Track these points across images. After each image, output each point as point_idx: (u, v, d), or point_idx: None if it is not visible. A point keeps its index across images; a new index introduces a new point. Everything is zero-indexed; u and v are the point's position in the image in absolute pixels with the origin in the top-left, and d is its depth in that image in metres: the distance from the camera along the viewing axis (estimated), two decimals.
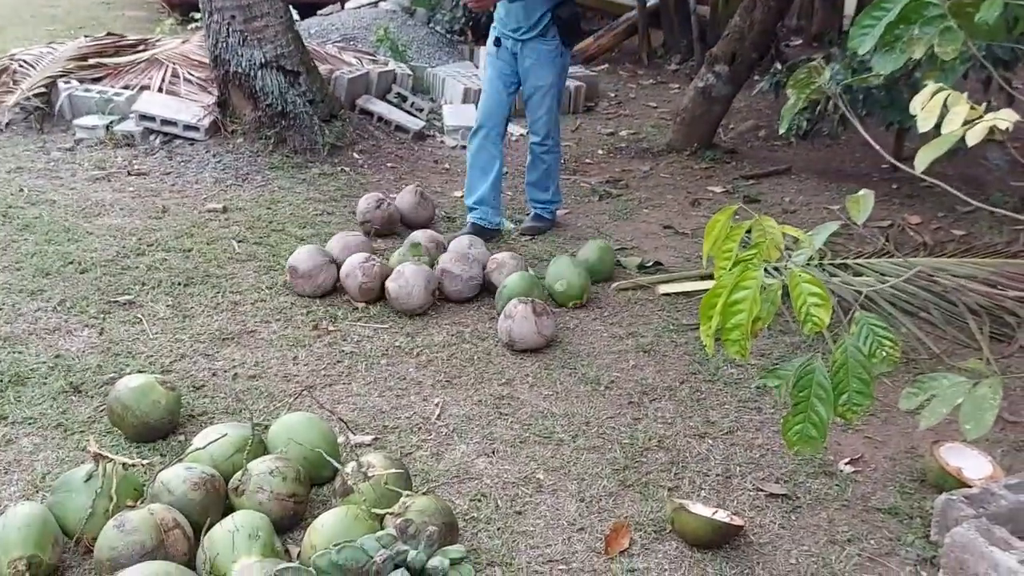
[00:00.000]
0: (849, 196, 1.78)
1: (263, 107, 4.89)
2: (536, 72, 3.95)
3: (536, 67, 3.94)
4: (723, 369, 2.97)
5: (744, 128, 6.29)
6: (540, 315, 3.07)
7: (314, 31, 7.44)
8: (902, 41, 1.88)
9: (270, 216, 4.24)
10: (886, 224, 4.31)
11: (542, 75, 3.96)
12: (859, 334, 1.66)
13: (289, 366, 2.95)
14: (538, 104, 4.04)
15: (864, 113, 4.28)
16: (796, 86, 2.16)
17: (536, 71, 3.95)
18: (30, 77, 5.38)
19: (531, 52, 3.92)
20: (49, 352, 2.90)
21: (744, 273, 1.64)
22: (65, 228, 3.89)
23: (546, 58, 3.92)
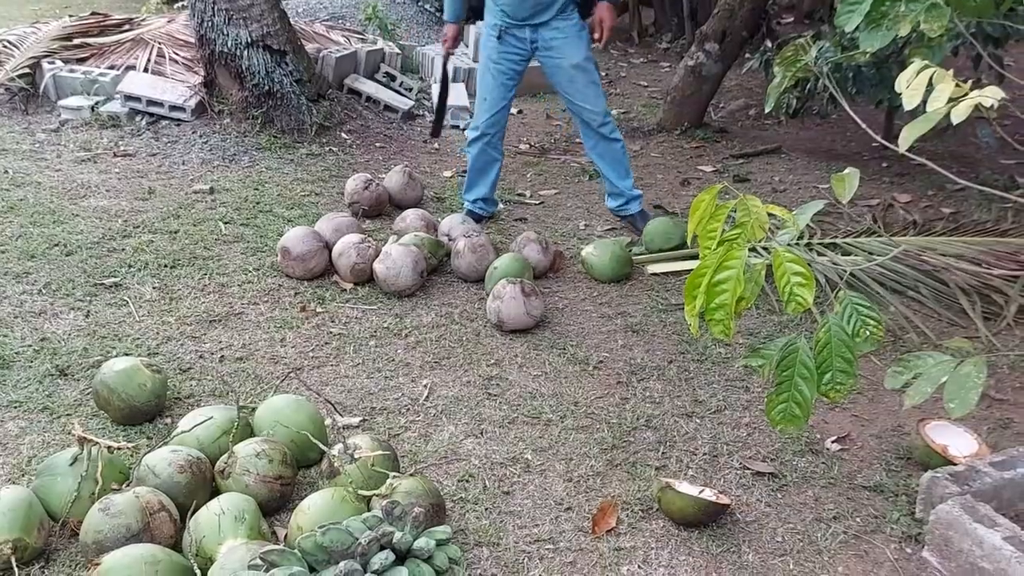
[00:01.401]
0: (834, 175, 1.78)
1: (250, 87, 4.85)
2: (568, 50, 3.68)
3: (566, 45, 3.68)
4: (711, 348, 2.97)
5: (734, 107, 6.27)
6: (529, 295, 3.07)
7: (301, 10, 7.38)
8: (888, 18, 1.87)
9: (257, 197, 4.21)
10: (875, 203, 4.31)
11: (576, 51, 3.69)
12: (843, 313, 1.66)
13: (277, 348, 2.94)
14: (584, 83, 3.74)
15: (854, 92, 4.27)
16: (783, 64, 2.15)
17: (567, 50, 3.69)
18: (14, 58, 5.32)
19: (554, 32, 3.67)
20: (35, 335, 2.89)
21: (728, 253, 1.64)
22: (50, 210, 3.86)
23: (572, 32, 3.68)
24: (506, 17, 3.69)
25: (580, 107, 3.80)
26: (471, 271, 3.47)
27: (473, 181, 4.05)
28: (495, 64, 3.78)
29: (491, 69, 3.79)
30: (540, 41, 3.70)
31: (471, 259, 3.47)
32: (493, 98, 3.83)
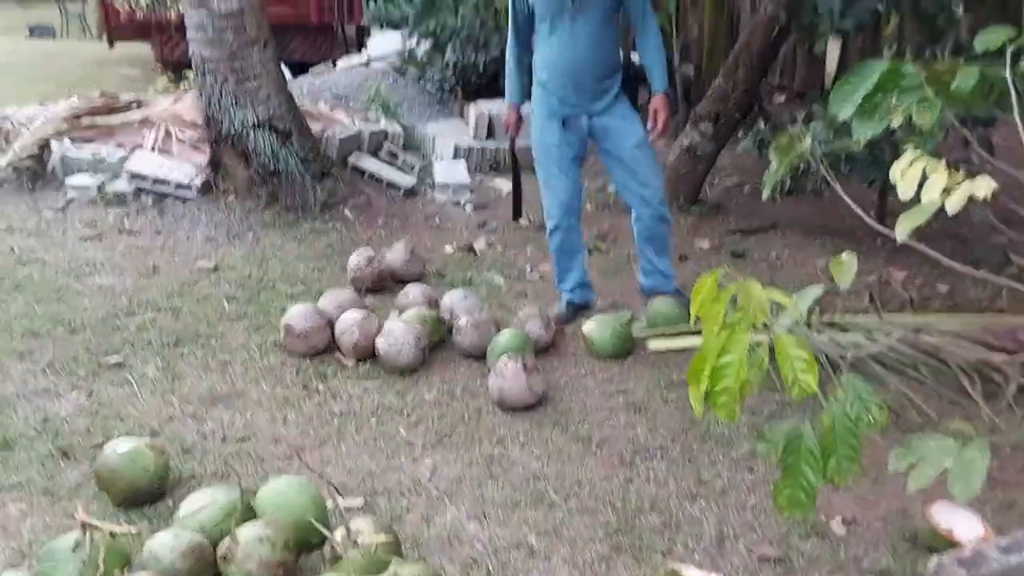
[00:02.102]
0: (833, 260, 1.82)
1: (255, 166, 4.94)
2: (627, 130, 3.64)
3: (624, 126, 3.64)
4: (714, 427, 2.97)
5: (729, 184, 6.37)
6: (530, 372, 3.08)
7: (306, 90, 7.54)
8: (881, 109, 1.94)
9: (261, 274, 4.26)
10: (871, 279, 4.35)
11: (635, 129, 3.64)
12: (846, 397, 1.67)
13: (279, 427, 2.94)
14: (648, 161, 3.68)
15: (847, 170, 4.36)
16: (778, 151, 2.21)
17: (626, 129, 3.64)
18: (23, 137, 5.43)
19: (610, 118, 3.64)
20: (37, 415, 2.89)
21: (731, 337, 1.66)
22: (55, 288, 3.90)
23: (629, 113, 3.67)
24: (564, 106, 3.64)
25: (642, 187, 3.71)
26: (473, 347, 3.48)
27: (564, 270, 3.93)
28: (557, 148, 3.71)
29: (554, 158, 3.72)
30: (596, 128, 3.67)
31: (473, 335, 3.49)
32: (562, 187, 3.75)
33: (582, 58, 3.54)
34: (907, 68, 1.94)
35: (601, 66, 3.58)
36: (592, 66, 3.57)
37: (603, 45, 3.57)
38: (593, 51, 3.54)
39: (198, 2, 4.70)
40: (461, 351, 3.52)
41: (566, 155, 3.72)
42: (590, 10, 3.48)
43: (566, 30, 3.51)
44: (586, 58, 3.54)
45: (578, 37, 3.51)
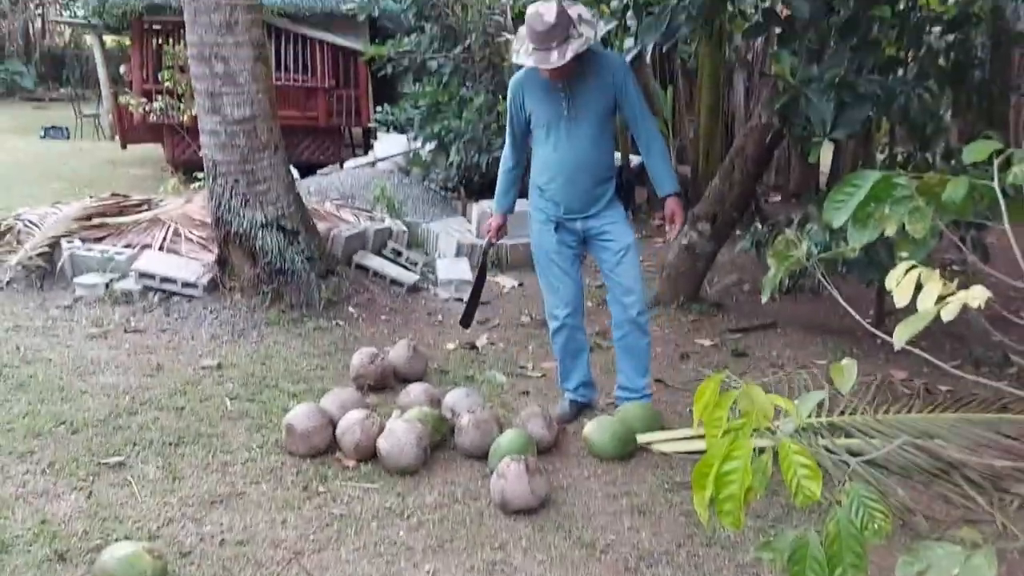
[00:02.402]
0: (833, 365, 1.84)
1: (262, 265, 5.02)
2: (616, 232, 3.67)
3: (615, 229, 3.67)
4: (719, 532, 2.93)
5: (728, 282, 6.45)
6: (533, 474, 3.06)
7: (313, 189, 7.73)
8: (874, 218, 2.00)
9: (264, 372, 4.27)
10: (872, 379, 4.36)
11: (623, 233, 3.67)
12: (850, 506, 1.67)
13: (278, 530, 2.90)
14: (630, 265, 3.68)
15: (844, 271, 4.42)
16: (775, 257, 2.26)
17: (615, 231, 3.67)
18: (34, 237, 5.53)
19: (603, 220, 3.68)
20: (35, 517, 2.86)
21: (735, 443, 1.68)
22: (59, 387, 3.91)
23: (620, 217, 3.70)
24: (559, 210, 3.70)
25: (624, 293, 3.71)
26: (475, 447, 3.47)
27: (568, 370, 3.93)
28: (556, 254, 3.76)
29: (554, 259, 3.76)
30: (591, 230, 3.70)
31: (475, 435, 3.47)
32: (564, 287, 3.78)
33: (578, 163, 3.59)
34: (899, 179, 2.01)
35: (596, 171, 3.62)
36: (587, 171, 3.61)
37: (598, 150, 3.62)
38: (588, 156, 3.59)
39: (212, 108, 4.87)
40: (463, 451, 3.51)
41: (565, 256, 3.76)
42: (585, 116, 3.54)
43: (562, 136, 3.59)
44: (581, 163, 3.59)
45: (574, 142, 3.57)
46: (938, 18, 4.65)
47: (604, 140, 3.66)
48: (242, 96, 4.86)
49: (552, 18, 3.31)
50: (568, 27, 3.34)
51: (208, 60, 4.82)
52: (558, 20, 3.31)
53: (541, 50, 3.35)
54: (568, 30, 3.34)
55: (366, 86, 11.49)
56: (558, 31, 3.32)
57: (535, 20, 3.33)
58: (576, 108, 3.53)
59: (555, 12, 3.31)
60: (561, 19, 3.32)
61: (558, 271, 3.78)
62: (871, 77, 3.96)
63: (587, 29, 3.38)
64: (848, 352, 4.87)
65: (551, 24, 3.31)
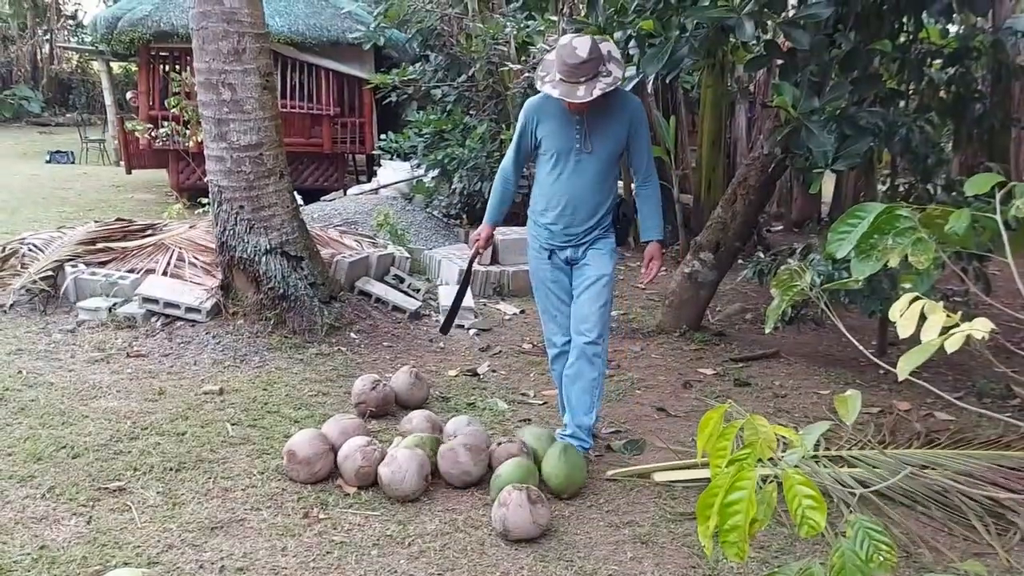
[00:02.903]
0: (837, 397, 1.84)
1: (265, 290, 5.03)
2: (598, 261, 3.67)
3: (597, 257, 3.67)
4: (722, 563, 2.91)
5: (731, 311, 6.46)
6: (535, 503, 3.04)
7: (317, 215, 7.77)
8: (877, 249, 2.01)
9: (265, 397, 4.27)
10: (876, 411, 4.35)
11: (604, 263, 3.67)
12: (855, 538, 1.67)
13: (278, 558, 2.88)
14: (597, 295, 3.64)
15: (847, 301, 4.43)
16: (779, 287, 2.27)
17: (597, 260, 3.67)
18: (38, 260, 5.56)
19: (591, 251, 3.69)
20: (34, 543, 2.84)
21: (739, 474, 1.67)
22: (60, 411, 3.90)
23: (607, 248, 3.68)
24: (553, 239, 3.72)
25: (581, 318, 3.67)
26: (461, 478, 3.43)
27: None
28: (553, 283, 3.78)
29: (551, 289, 3.78)
30: (577, 260, 3.72)
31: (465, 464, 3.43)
32: (561, 314, 3.79)
33: (581, 196, 3.61)
34: (902, 211, 2.02)
35: (595, 207, 3.63)
36: (587, 205, 3.62)
37: (602, 186, 3.64)
38: (591, 191, 3.61)
39: (219, 135, 4.91)
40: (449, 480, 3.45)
41: (562, 285, 3.77)
42: (597, 152, 3.56)
43: (570, 167, 3.60)
44: (584, 197, 3.61)
45: (581, 176, 3.59)
46: (939, 51, 4.70)
47: (610, 177, 3.68)
48: (249, 123, 4.90)
49: (585, 53, 3.33)
50: (599, 64, 3.38)
51: (216, 87, 4.86)
52: (590, 56, 3.34)
53: (569, 83, 3.37)
54: (598, 67, 3.37)
55: (370, 114, 11.59)
56: (589, 67, 3.34)
57: (568, 53, 3.36)
58: (590, 143, 3.55)
59: (588, 48, 3.35)
60: (593, 55, 3.35)
61: (555, 299, 3.79)
62: (872, 109, 4.00)
63: (616, 68, 3.42)
64: (851, 382, 4.86)
65: (583, 59, 3.33)
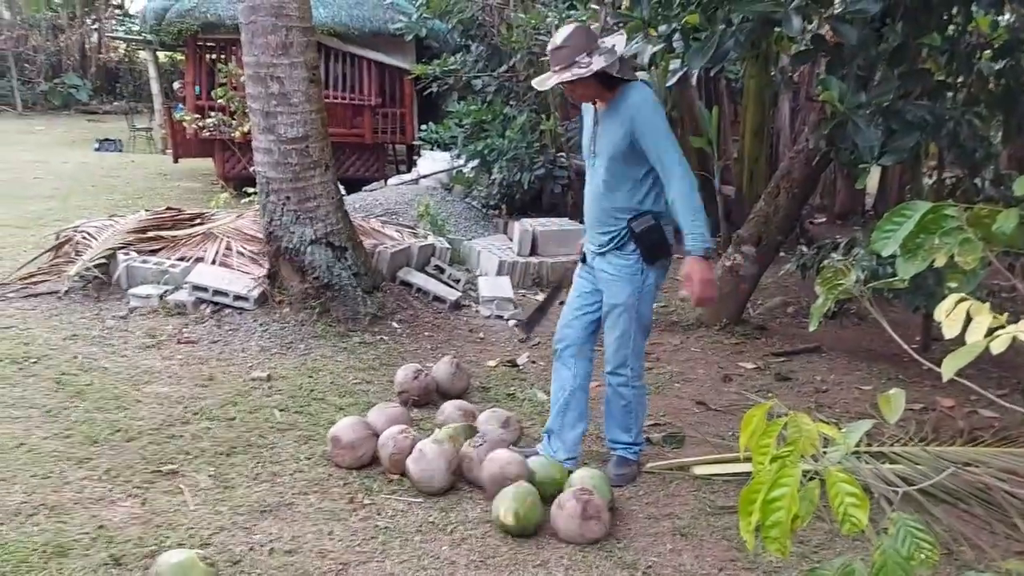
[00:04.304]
0: (880, 395, 1.85)
1: (310, 280, 5.13)
2: (611, 288, 3.41)
3: (611, 282, 3.40)
4: (762, 556, 2.93)
5: (772, 304, 6.42)
6: (589, 519, 2.98)
7: (359, 206, 7.86)
8: (923, 249, 2.01)
9: (311, 384, 4.36)
10: (918, 408, 4.32)
11: (617, 292, 3.38)
12: (897, 535, 1.68)
13: (325, 541, 2.96)
14: (612, 325, 3.44)
15: (890, 297, 4.40)
16: (824, 285, 2.28)
17: (611, 287, 3.41)
18: (91, 248, 5.71)
19: (608, 266, 3.41)
20: (92, 523, 2.95)
21: (782, 471, 1.70)
22: (115, 396, 4.03)
23: (623, 273, 3.36)
24: (587, 243, 3.56)
25: (606, 346, 3.51)
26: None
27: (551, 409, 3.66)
28: (579, 286, 3.60)
29: (575, 291, 3.61)
30: (598, 271, 3.47)
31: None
32: (566, 310, 3.61)
33: (593, 200, 3.45)
34: (949, 210, 2.02)
35: (606, 212, 3.39)
36: (596, 210, 3.44)
37: (612, 191, 3.36)
38: (603, 192, 3.39)
39: (267, 127, 5.01)
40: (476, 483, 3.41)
41: (581, 290, 3.57)
42: (602, 153, 3.37)
43: (590, 170, 3.48)
44: (594, 201, 3.44)
45: (593, 178, 3.45)
46: (988, 44, 4.62)
47: (621, 177, 3.34)
48: (296, 116, 4.99)
49: (560, 40, 3.25)
50: (576, 53, 3.22)
51: (264, 80, 4.95)
52: (564, 44, 3.23)
53: (549, 71, 3.33)
54: (575, 56, 3.22)
55: (411, 104, 11.67)
56: (563, 54, 3.23)
57: (552, 40, 3.33)
58: (599, 143, 3.39)
59: (566, 36, 3.25)
60: (569, 43, 3.23)
61: (575, 301, 3.59)
62: (920, 103, 3.95)
63: (600, 60, 3.20)
64: (893, 378, 4.82)
65: (556, 46, 3.26)
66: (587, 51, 3.23)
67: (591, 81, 3.25)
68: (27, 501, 3.05)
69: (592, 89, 3.32)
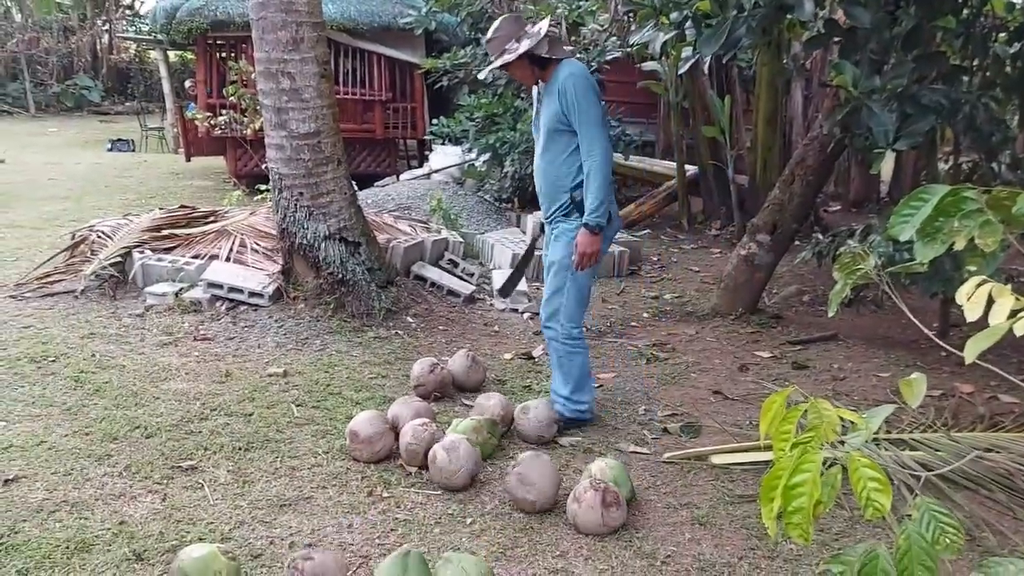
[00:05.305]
0: (902, 380, 1.84)
1: (325, 275, 5.14)
2: (552, 247, 3.75)
3: (553, 243, 3.75)
4: (782, 545, 2.92)
5: (788, 293, 6.39)
6: (609, 506, 2.99)
7: (371, 201, 7.87)
8: (943, 232, 1.99)
9: (327, 380, 4.37)
10: (938, 394, 4.29)
11: (556, 250, 3.72)
12: (921, 520, 1.67)
13: (344, 534, 2.97)
14: (548, 281, 3.79)
15: (908, 283, 4.36)
16: (842, 271, 2.26)
17: (552, 246, 3.75)
18: (107, 247, 5.75)
19: (555, 230, 3.75)
20: (114, 518, 2.97)
21: (804, 457, 1.69)
22: (133, 393, 4.06)
23: (566, 235, 3.68)
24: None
25: (544, 303, 3.84)
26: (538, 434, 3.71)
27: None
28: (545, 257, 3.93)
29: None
30: (548, 237, 3.82)
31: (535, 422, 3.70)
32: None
33: (539, 169, 3.77)
34: (968, 193, 2.00)
35: (550, 180, 3.70)
36: (541, 179, 3.75)
37: (553, 160, 3.66)
38: (545, 164, 3.71)
39: (279, 123, 5.02)
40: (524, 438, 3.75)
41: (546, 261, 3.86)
42: (541, 126, 3.71)
43: (536, 143, 3.80)
44: (540, 171, 3.76)
45: (539, 149, 3.76)
46: (1003, 26, 4.57)
47: (555, 152, 3.65)
48: (307, 112, 5.00)
49: (491, 33, 3.66)
50: (506, 41, 3.61)
51: (275, 76, 4.96)
52: (495, 35, 3.64)
53: None
54: (505, 44, 3.61)
55: (422, 99, 11.66)
56: (494, 45, 3.65)
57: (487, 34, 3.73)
58: (540, 119, 3.72)
59: (495, 27, 3.66)
60: (499, 34, 3.62)
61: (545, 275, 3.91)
62: (935, 87, 3.91)
63: (528, 44, 3.54)
64: (912, 365, 4.79)
65: (488, 38, 3.69)
66: (515, 38, 3.60)
67: (524, 63, 3.61)
68: (49, 498, 3.08)
69: (528, 71, 3.67)
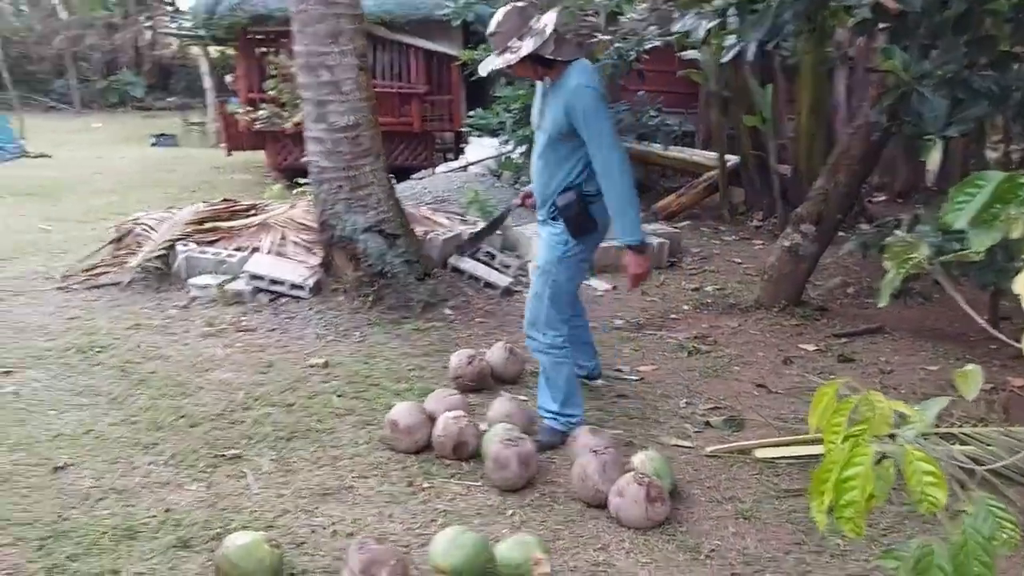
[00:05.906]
0: (957, 372, 1.79)
1: (364, 268, 5.17)
2: (539, 250, 3.66)
3: (540, 246, 3.65)
4: (828, 540, 2.87)
5: (832, 285, 6.28)
6: (654, 501, 2.96)
7: (408, 194, 7.89)
8: (999, 220, 1.93)
9: (367, 371, 4.40)
10: (988, 387, 4.18)
11: (540, 254, 3.61)
12: (977, 515, 1.62)
13: (385, 524, 2.98)
14: (532, 285, 3.67)
15: (959, 275, 4.25)
16: (893, 259, 2.20)
17: (540, 250, 3.65)
18: (151, 240, 5.84)
19: (542, 232, 3.65)
20: (160, 506, 3.02)
21: (856, 450, 1.65)
22: (178, 383, 4.11)
23: (551, 240, 3.54)
24: None
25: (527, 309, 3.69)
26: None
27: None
28: None
29: None
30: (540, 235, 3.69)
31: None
32: None
33: (535, 169, 3.60)
34: None
35: (546, 181, 3.53)
36: (537, 181, 3.60)
37: (549, 165, 3.50)
38: (541, 167, 3.55)
39: (319, 116, 5.05)
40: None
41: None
42: (544, 130, 3.49)
43: (536, 140, 3.61)
44: (538, 170, 3.58)
45: (538, 149, 3.57)
46: None
47: (557, 153, 3.46)
48: (347, 104, 5.02)
49: (493, 26, 3.33)
50: (508, 38, 3.31)
51: (315, 70, 4.99)
52: (498, 29, 3.32)
53: None
54: (508, 41, 3.31)
55: (459, 91, 11.65)
56: (497, 40, 3.34)
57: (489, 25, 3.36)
58: (544, 118, 3.48)
59: (498, 20, 3.32)
60: (502, 28, 3.31)
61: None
62: (986, 73, 3.80)
63: (531, 42, 3.26)
64: (960, 358, 4.68)
65: (491, 32, 3.35)
66: (519, 35, 3.30)
67: (527, 63, 3.32)
68: (97, 485, 3.13)
69: (531, 70, 3.39)
